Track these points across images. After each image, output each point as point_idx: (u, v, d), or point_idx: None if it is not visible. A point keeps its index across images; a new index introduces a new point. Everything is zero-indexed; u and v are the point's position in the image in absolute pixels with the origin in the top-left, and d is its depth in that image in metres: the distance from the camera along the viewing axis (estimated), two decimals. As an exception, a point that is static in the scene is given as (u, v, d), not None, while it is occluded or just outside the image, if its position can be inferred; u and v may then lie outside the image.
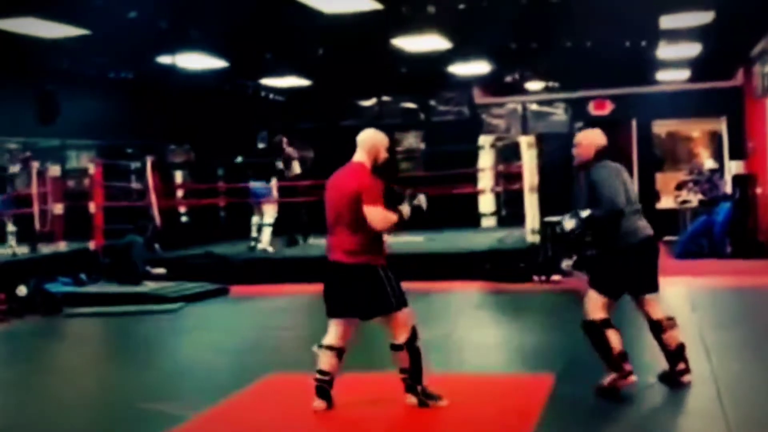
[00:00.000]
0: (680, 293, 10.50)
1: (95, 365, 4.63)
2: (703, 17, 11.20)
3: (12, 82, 13.77)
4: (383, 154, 5.52)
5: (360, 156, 5.48)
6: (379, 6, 9.93)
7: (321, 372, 5.44)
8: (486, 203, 13.24)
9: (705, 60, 14.92)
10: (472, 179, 14.35)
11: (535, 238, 11.91)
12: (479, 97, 18.25)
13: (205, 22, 11.10)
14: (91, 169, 12.88)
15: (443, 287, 11.18)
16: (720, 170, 16.83)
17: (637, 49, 13.64)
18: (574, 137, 5.99)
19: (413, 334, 5.43)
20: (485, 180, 13.07)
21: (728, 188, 15.80)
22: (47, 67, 13.67)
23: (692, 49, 13.96)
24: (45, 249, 12.52)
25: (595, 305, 5.68)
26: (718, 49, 14.02)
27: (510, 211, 13.05)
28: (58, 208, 12.94)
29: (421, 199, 5.62)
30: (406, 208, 5.54)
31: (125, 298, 10.80)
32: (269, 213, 13.04)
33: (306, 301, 9.60)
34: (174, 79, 14.37)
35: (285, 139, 13.69)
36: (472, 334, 8.52)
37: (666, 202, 17.04)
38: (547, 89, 17.74)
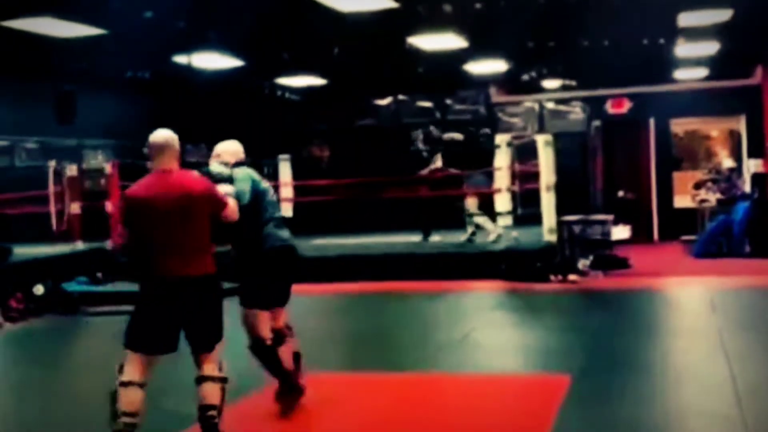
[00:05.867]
0: (699, 293, 10.45)
1: (112, 365, 4.64)
2: (722, 15, 11.14)
3: (30, 82, 13.84)
4: None
5: (172, 163, 4.79)
6: (395, 5, 9.91)
7: (130, 414, 4.58)
8: (502, 202, 13.18)
9: (723, 58, 14.83)
10: (488, 178, 14.30)
11: (551, 238, 11.85)
12: (496, 96, 18.20)
13: (222, 22, 11.12)
14: (108, 168, 12.92)
15: (460, 287, 11.16)
16: (739, 169, 16.72)
17: (655, 47, 13.58)
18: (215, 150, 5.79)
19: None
20: (501, 179, 13.01)
21: (747, 187, 15.69)
22: (65, 67, 13.73)
23: (710, 47, 13.88)
24: (62, 248, 12.57)
25: (259, 322, 5.62)
26: (737, 46, 13.93)
27: (526, 210, 12.99)
28: (75, 208, 13.01)
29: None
30: (228, 187, 5.18)
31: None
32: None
33: (314, 302, 9.61)
34: (191, 79, 14.41)
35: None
36: (488, 335, 8.50)
37: (684, 202, 16.94)
38: (564, 88, 17.67)
